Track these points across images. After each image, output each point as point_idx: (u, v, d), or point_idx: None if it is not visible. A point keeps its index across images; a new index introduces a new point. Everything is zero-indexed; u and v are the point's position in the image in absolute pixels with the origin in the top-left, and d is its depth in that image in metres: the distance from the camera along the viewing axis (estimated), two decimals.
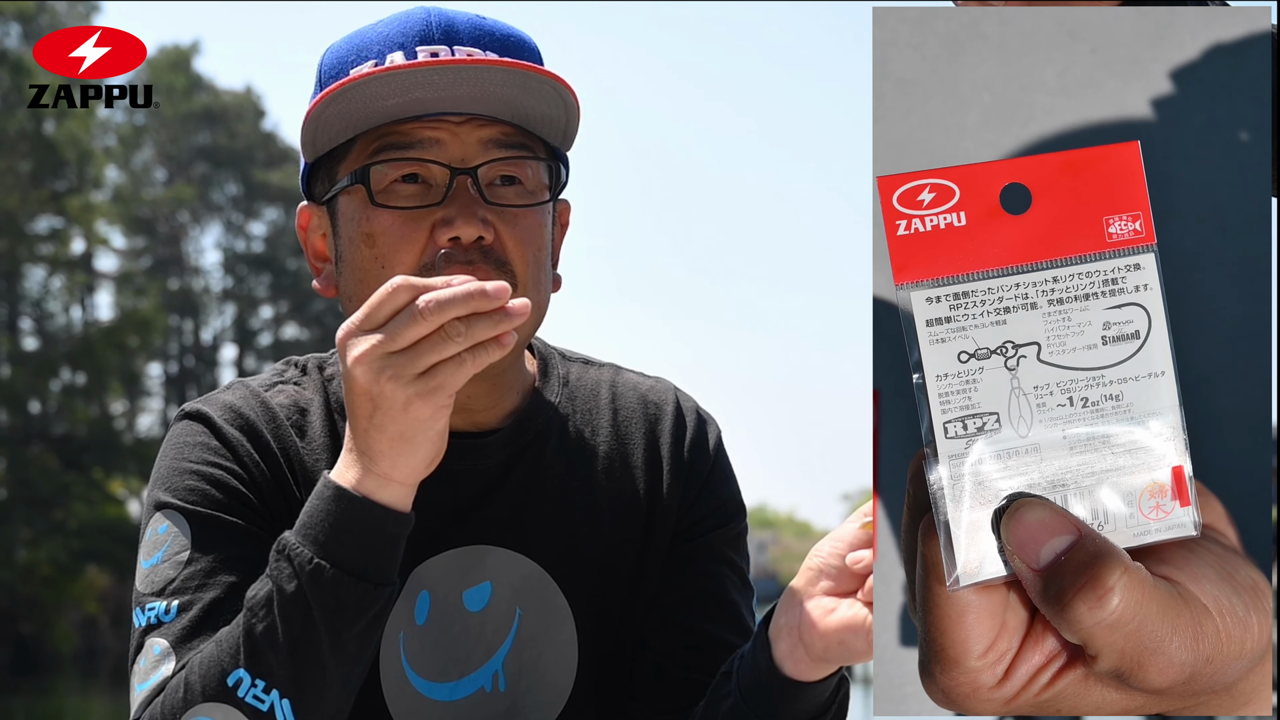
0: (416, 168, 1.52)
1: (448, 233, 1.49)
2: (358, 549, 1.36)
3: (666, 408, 1.70)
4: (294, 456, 1.57)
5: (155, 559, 1.50)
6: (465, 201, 1.50)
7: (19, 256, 32.48)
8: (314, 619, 1.35)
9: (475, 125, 1.53)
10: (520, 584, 1.58)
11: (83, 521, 30.25)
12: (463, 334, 1.30)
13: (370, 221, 1.52)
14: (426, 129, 1.52)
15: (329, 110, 1.51)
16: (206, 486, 1.52)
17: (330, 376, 1.64)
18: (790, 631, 1.41)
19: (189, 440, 1.56)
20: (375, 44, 1.55)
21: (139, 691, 1.45)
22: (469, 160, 1.52)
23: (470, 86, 1.50)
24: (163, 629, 1.46)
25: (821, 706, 1.45)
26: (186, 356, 44.14)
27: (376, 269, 1.52)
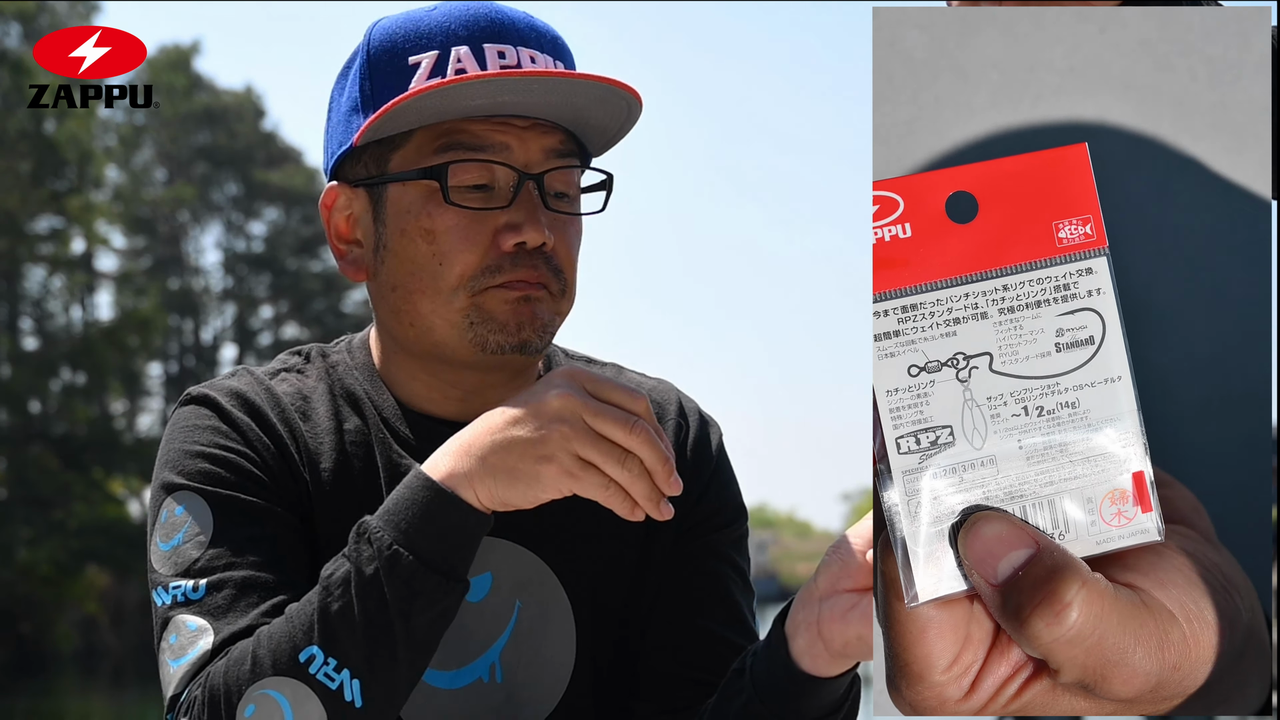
0: (486, 171, 1.54)
1: (514, 238, 1.52)
2: (438, 541, 1.37)
3: (669, 408, 1.71)
4: (300, 439, 1.57)
5: (176, 540, 1.50)
6: (531, 207, 1.53)
7: (19, 256, 32.36)
8: (388, 604, 1.36)
9: (540, 132, 1.55)
10: (521, 577, 1.59)
11: (83, 521, 30.16)
12: (631, 475, 1.35)
13: (433, 218, 1.53)
14: (497, 132, 1.53)
15: (413, 105, 1.51)
16: (219, 469, 1.52)
17: (335, 363, 1.65)
18: (809, 627, 1.40)
19: (197, 424, 1.56)
20: (436, 34, 1.55)
21: (175, 667, 1.45)
22: (533, 166, 1.54)
23: (551, 95, 1.51)
24: (193, 606, 1.46)
25: (835, 704, 1.45)
26: (186, 356, 44.10)
27: (434, 265, 1.53)
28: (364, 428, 1.60)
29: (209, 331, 44.89)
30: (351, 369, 1.64)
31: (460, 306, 1.53)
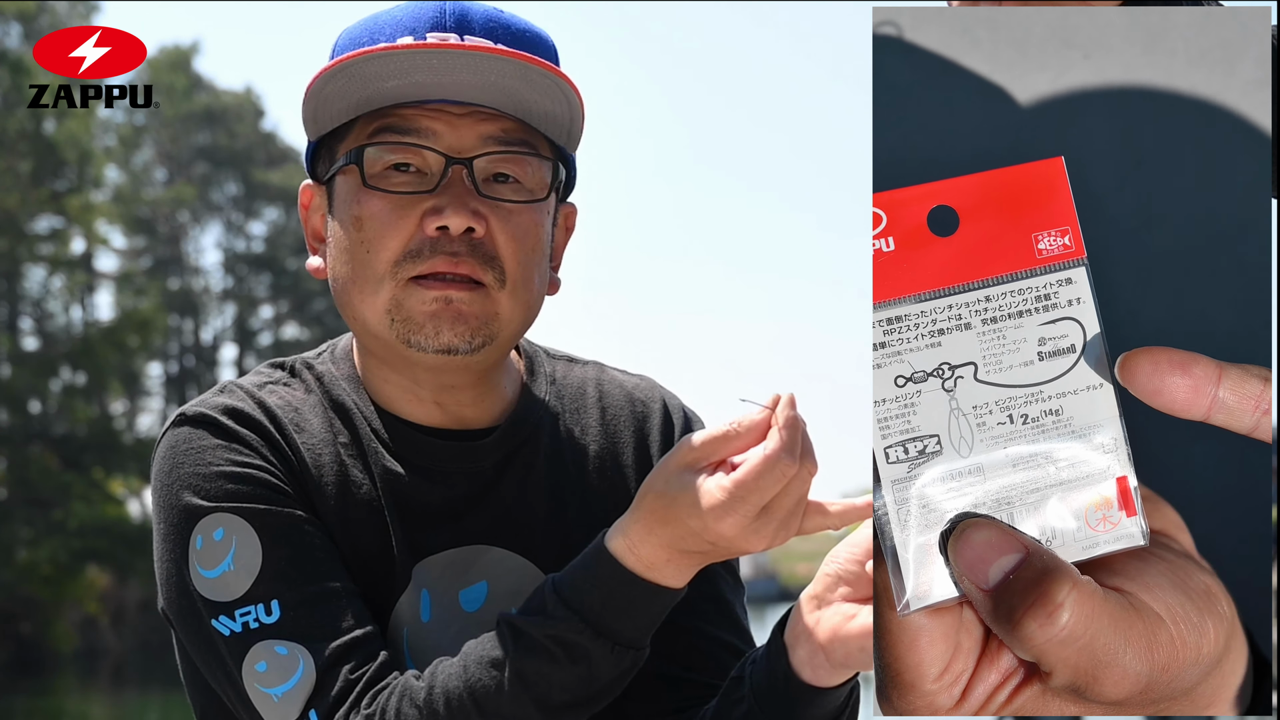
0: (411, 154, 1.51)
1: (436, 221, 1.49)
2: (646, 630, 1.41)
3: (654, 405, 1.70)
4: (297, 450, 1.55)
5: (225, 566, 1.46)
6: (458, 192, 1.49)
7: (19, 256, 32.31)
8: (592, 685, 1.40)
9: (477, 119, 1.51)
10: (516, 583, 1.58)
11: (83, 521, 30.02)
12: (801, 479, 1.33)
13: (360, 204, 1.51)
14: (426, 117, 1.50)
15: (329, 87, 1.50)
16: (244, 485, 1.49)
17: (321, 374, 1.62)
18: (808, 638, 1.40)
19: (204, 444, 1.52)
20: (388, 27, 1.53)
21: (279, 696, 1.43)
22: (465, 152, 1.51)
23: (469, 74, 1.48)
24: (269, 629, 1.44)
25: (836, 711, 1.45)
26: (186, 356, 44.15)
27: (362, 253, 1.51)
28: (357, 438, 1.57)
29: (209, 331, 44.97)
30: (337, 380, 1.61)
31: (385, 299, 1.51)
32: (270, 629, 1.44)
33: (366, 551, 1.53)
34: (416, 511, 1.55)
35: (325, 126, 1.55)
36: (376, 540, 1.54)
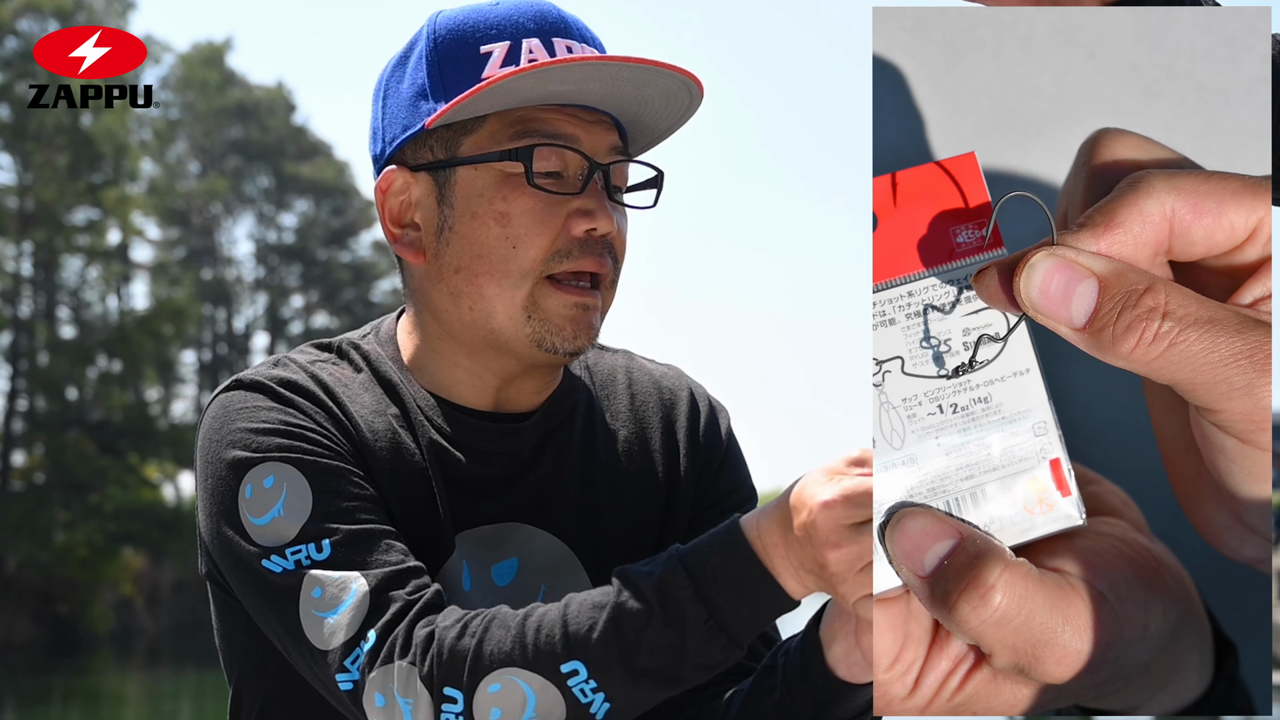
0: (559, 158, 1.54)
1: (586, 223, 1.53)
2: (755, 626, 1.33)
3: (681, 394, 1.73)
4: (351, 417, 1.55)
5: (276, 511, 1.46)
6: (601, 196, 1.55)
7: (57, 247, 32.34)
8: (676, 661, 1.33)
9: (604, 126, 1.57)
10: (546, 560, 1.60)
11: (118, 505, 30.29)
12: None
13: (508, 201, 1.53)
14: (567, 122, 1.54)
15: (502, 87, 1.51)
16: (295, 440, 1.50)
17: (368, 353, 1.63)
18: (846, 635, 1.40)
19: (256, 405, 1.52)
20: (505, 26, 1.56)
21: (333, 617, 1.42)
22: (600, 158, 1.56)
23: (632, 88, 1.53)
24: (321, 564, 1.44)
25: (866, 704, 1.46)
26: (219, 344, 43.76)
27: (506, 248, 1.53)
28: (406, 412, 1.59)
29: (241, 320, 44.73)
30: (384, 359, 1.63)
31: (523, 295, 1.53)
32: (322, 564, 1.44)
33: (417, 517, 1.55)
34: (459, 485, 1.58)
35: (458, 118, 1.55)
36: (425, 507, 1.56)
